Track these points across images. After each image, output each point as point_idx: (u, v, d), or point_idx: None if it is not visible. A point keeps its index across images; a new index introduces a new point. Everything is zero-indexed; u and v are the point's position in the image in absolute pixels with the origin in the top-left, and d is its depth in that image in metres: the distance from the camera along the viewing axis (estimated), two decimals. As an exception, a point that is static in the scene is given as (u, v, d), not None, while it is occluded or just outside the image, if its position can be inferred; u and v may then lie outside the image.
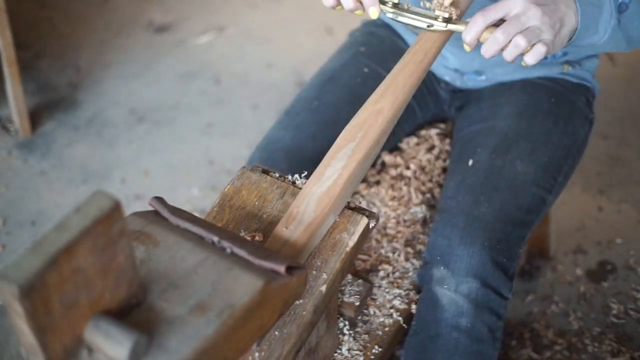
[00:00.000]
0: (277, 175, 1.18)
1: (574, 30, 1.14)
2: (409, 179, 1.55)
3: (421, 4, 1.19)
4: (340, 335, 1.31)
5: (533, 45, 1.09)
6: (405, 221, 1.50)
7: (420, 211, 1.50)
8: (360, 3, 1.17)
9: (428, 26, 1.16)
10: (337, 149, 1.12)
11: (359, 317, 1.35)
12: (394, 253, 1.45)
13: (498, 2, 1.11)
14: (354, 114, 1.16)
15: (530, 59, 1.10)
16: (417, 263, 1.43)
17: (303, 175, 1.17)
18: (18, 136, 2.36)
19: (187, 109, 2.48)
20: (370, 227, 1.12)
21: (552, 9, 1.10)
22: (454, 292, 1.26)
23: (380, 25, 1.63)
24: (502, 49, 1.10)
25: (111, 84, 2.57)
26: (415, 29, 1.35)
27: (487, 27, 1.11)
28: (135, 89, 2.56)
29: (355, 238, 1.09)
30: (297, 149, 1.40)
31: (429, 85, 1.58)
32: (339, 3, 1.20)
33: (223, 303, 0.84)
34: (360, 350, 1.30)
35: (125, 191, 2.20)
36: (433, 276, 1.28)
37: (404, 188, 1.53)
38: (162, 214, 0.98)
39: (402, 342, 1.37)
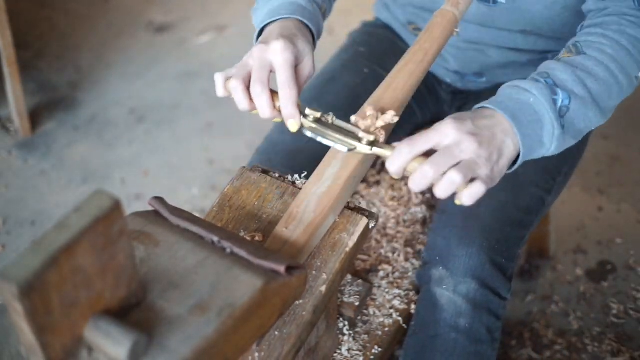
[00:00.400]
0: (276, 175, 1.18)
1: (515, 156, 1.02)
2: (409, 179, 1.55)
3: (352, 119, 1.07)
4: (340, 336, 1.31)
5: (470, 181, 0.95)
6: (405, 221, 1.50)
7: (420, 211, 1.50)
8: (279, 112, 1.08)
9: (349, 150, 1.03)
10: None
11: (359, 317, 1.35)
12: (393, 253, 1.45)
13: (428, 131, 0.98)
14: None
15: (467, 199, 0.95)
16: (416, 263, 1.43)
17: (303, 175, 1.17)
18: (18, 136, 2.36)
19: (187, 109, 2.48)
20: (370, 227, 1.12)
21: (489, 138, 0.97)
22: (452, 293, 1.26)
23: (380, 25, 1.63)
24: (434, 183, 0.96)
25: (111, 84, 2.57)
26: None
27: (414, 158, 0.97)
28: (135, 89, 2.56)
29: (355, 238, 1.09)
30: (297, 151, 1.40)
31: (430, 86, 1.58)
32: (254, 108, 1.10)
33: (223, 303, 0.84)
34: (360, 351, 1.30)
35: (125, 191, 2.20)
36: (432, 276, 1.28)
37: (404, 188, 1.53)
38: (162, 214, 0.98)
39: (402, 343, 1.37)
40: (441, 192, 0.95)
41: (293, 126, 1.07)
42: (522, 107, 1.02)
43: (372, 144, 1.03)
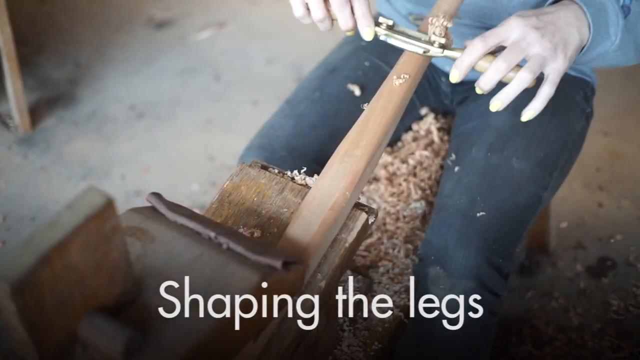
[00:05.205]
0: (276, 171, 1.18)
1: (583, 44, 1.09)
2: (408, 174, 1.55)
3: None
4: (340, 332, 1.31)
5: (539, 89, 1.07)
6: (404, 217, 1.50)
7: (419, 207, 1.50)
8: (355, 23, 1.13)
9: (424, 52, 1.12)
10: (342, 149, 1.11)
11: (359, 313, 1.34)
12: (393, 249, 1.45)
13: (494, 28, 1.06)
14: (355, 107, 1.16)
15: (539, 104, 1.08)
16: (416, 259, 1.42)
17: (303, 171, 1.16)
18: (18, 132, 2.36)
19: (187, 104, 2.48)
20: (370, 222, 1.11)
21: (552, 31, 1.05)
22: (448, 292, 1.25)
23: (382, 20, 1.63)
24: (502, 83, 1.06)
25: (111, 80, 2.57)
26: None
27: (485, 55, 1.06)
28: (135, 84, 2.56)
29: (354, 234, 1.08)
30: (298, 137, 1.41)
31: (431, 79, 1.58)
32: (331, 27, 1.15)
33: (219, 299, 0.84)
34: (360, 347, 1.30)
35: (125, 187, 2.20)
36: (428, 274, 1.28)
37: (403, 184, 1.53)
38: (160, 210, 0.98)
39: (402, 338, 1.37)
40: (513, 91, 1.05)
41: (368, 35, 1.12)
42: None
43: (443, 46, 1.11)
